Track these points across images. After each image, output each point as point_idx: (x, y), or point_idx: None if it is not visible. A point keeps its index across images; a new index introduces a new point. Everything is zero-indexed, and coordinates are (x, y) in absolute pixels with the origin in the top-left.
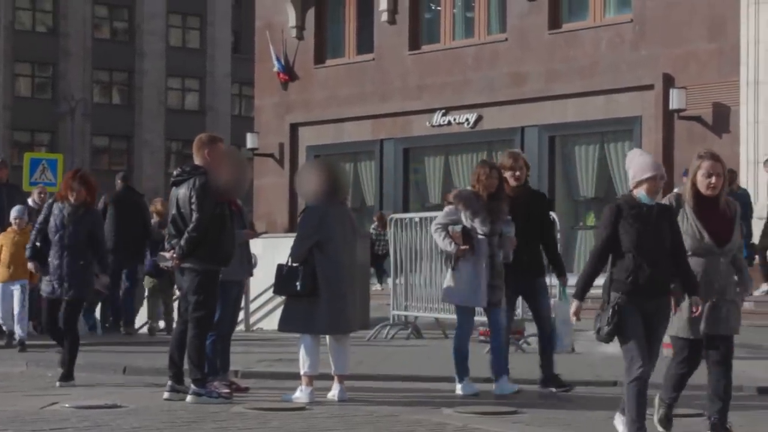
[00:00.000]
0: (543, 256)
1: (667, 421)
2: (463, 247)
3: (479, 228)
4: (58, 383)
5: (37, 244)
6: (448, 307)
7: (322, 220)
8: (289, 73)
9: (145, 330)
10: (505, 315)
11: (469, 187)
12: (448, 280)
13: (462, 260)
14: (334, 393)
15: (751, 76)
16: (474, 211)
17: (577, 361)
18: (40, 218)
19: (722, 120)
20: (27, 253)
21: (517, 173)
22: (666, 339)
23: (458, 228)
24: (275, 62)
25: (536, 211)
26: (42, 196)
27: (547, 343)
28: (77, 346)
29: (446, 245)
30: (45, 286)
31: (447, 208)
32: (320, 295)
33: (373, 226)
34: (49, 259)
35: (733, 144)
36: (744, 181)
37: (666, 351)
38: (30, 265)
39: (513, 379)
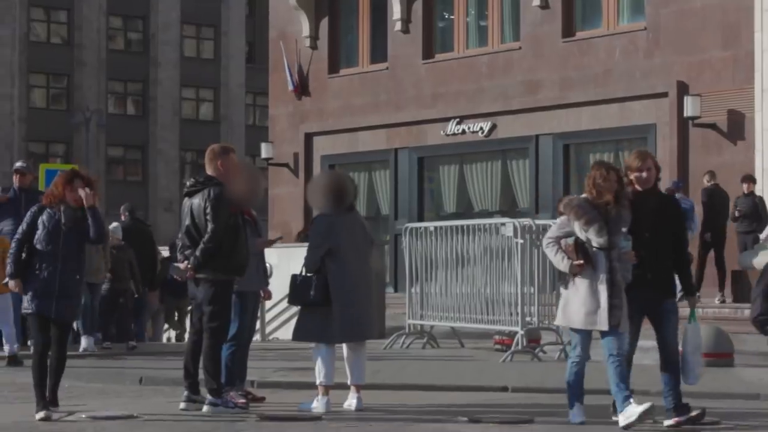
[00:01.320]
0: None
1: None
2: (577, 263)
3: (594, 240)
4: (41, 414)
5: (24, 254)
6: (464, 316)
7: (329, 229)
8: (302, 86)
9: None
10: (625, 339)
11: (584, 195)
12: (563, 301)
13: (577, 277)
14: (351, 402)
15: (765, 84)
16: (588, 221)
17: (593, 370)
18: (23, 227)
19: (737, 127)
20: (9, 269)
21: (644, 175)
22: None
23: (570, 241)
24: (288, 79)
25: (667, 220)
26: None
27: (673, 373)
28: (64, 368)
29: (559, 261)
30: (31, 304)
31: (559, 220)
32: (332, 303)
33: None
34: (37, 273)
35: (747, 151)
36: (759, 188)
37: None
38: (12, 284)
39: (529, 389)
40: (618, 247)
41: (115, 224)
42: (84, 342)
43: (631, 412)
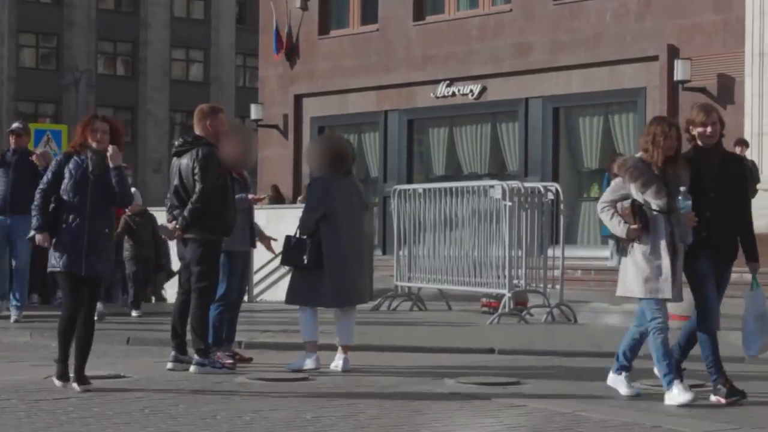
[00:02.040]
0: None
1: None
2: (634, 227)
3: (652, 203)
4: (58, 383)
5: (52, 205)
6: (452, 279)
7: (326, 192)
8: (291, 47)
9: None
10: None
11: (640, 153)
12: (621, 269)
13: (636, 243)
14: (337, 363)
15: (756, 48)
16: (645, 183)
17: (579, 332)
18: (49, 176)
19: (727, 91)
20: (35, 221)
21: (709, 130)
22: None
23: (627, 204)
24: (273, 43)
25: (731, 179)
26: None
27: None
28: (92, 341)
29: (615, 226)
30: (59, 261)
31: (614, 182)
32: (324, 268)
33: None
34: (64, 226)
35: (737, 115)
36: (748, 152)
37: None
38: (39, 238)
39: (516, 351)
40: (676, 210)
41: (133, 189)
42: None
43: (674, 397)
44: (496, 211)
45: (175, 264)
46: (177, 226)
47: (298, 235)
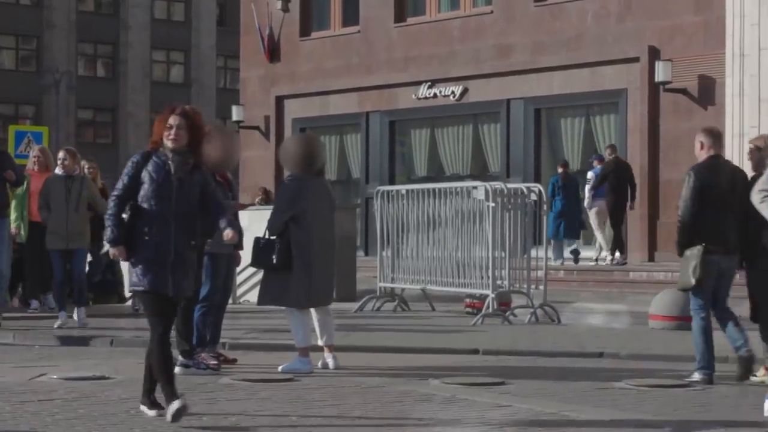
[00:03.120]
0: None
1: None
2: None
3: None
4: (170, 418)
5: (124, 216)
6: (435, 279)
7: (297, 194)
8: (271, 49)
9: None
10: None
11: None
12: None
13: None
14: (327, 362)
15: (736, 49)
16: None
17: (563, 333)
18: (124, 180)
19: (708, 92)
20: (109, 234)
21: None
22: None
23: None
24: (261, 43)
25: None
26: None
27: None
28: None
29: None
30: (142, 279)
31: None
32: (293, 268)
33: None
34: (146, 238)
35: (718, 116)
36: (729, 153)
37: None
38: (113, 251)
39: (500, 351)
40: None
41: None
42: (61, 318)
43: None
44: (479, 212)
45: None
46: (266, 233)
47: (266, 236)
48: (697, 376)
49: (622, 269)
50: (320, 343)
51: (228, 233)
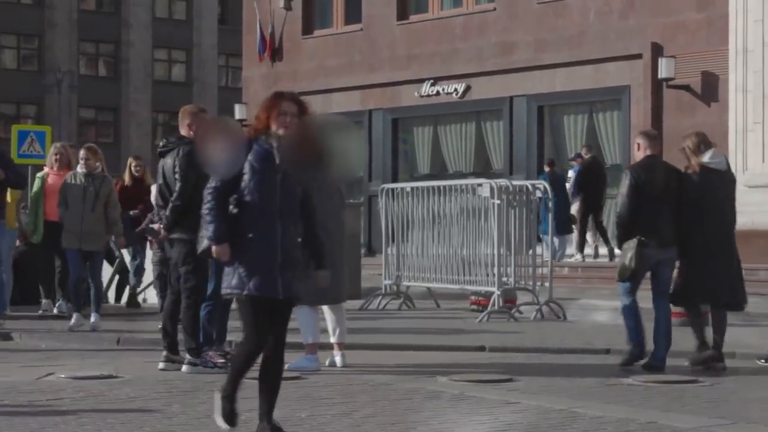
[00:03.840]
0: None
1: None
2: None
3: None
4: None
5: (233, 209)
6: (440, 277)
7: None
8: (273, 48)
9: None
10: None
11: None
12: None
13: None
14: (335, 360)
15: (740, 45)
16: None
17: (569, 329)
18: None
19: (711, 89)
20: (211, 231)
21: None
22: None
23: None
24: (258, 44)
25: None
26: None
27: None
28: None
29: None
30: (247, 282)
31: None
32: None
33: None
34: (250, 236)
35: (721, 112)
36: (732, 149)
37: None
38: (216, 250)
39: (506, 349)
40: None
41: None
42: (74, 319)
43: None
44: (484, 209)
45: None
46: (161, 227)
47: None
48: (631, 354)
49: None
50: (332, 340)
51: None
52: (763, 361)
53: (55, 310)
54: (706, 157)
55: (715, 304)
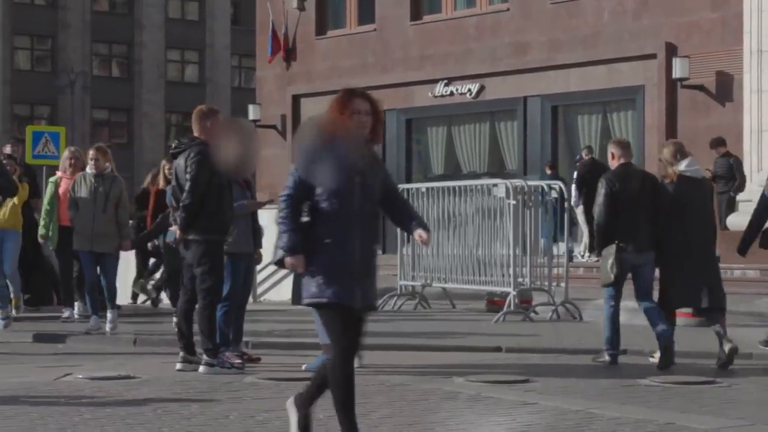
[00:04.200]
0: None
1: None
2: None
3: None
4: None
5: (305, 217)
6: (456, 277)
7: None
8: (287, 49)
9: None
10: None
11: None
12: None
13: None
14: (359, 360)
15: (754, 45)
16: None
17: (585, 330)
18: (297, 176)
19: (725, 89)
20: (286, 240)
21: None
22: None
23: None
24: (269, 45)
25: None
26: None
27: None
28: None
29: None
30: (325, 290)
31: None
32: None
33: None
34: (327, 242)
35: (736, 112)
36: (747, 149)
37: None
38: (290, 261)
39: (522, 349)
40: None
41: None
42: (67, 312)
43: None
44: (499, 210)
45: None
46: (177, 227)
47: None
48: (606, 357)
49: None
50: None
51: (421, 234)
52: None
53: (75, 315)
54: (682, 166)
55: (696, 308)
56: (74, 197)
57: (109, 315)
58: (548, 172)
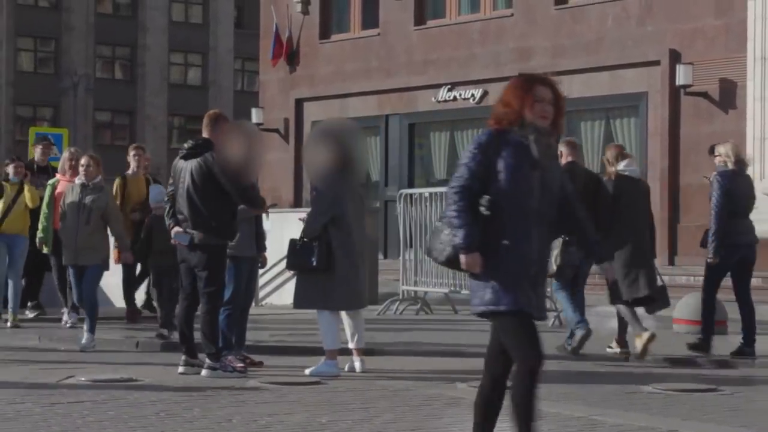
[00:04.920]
0: None
1: None
2: None
3: None
4: None
5: (485, 211)
6: (458, 282)
7: (336, 196)
8: (290, 52)
9: None
10: None
11: None
12: None
13: None
14: (356, 365)
15: (758, 52)
16: None
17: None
18: (472, 165)
19: (729, 96)
20: (463, 236)
21: None
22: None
23: None
24: (271, 48)
25: None
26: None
27: None
28: None
29: None
30: (504, 296)
31: None
32: (336, 270)
33: None
34: (506, 243)
35: (739, 120)
36: (750, 156)
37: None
38: (466, 259)
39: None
40: None
41: (157, 187)
42: (68, 316)
43: None
44: None
45: None
46: (302, 236)
47: (303, 239)
48: (578, 334)
49: None
50: (350, 346)
51: (608, 270)
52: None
53: (68, 322)
54: (621, 166)
55: (635, 299)
56: (63, 209)
57: (85, 336)
58: None
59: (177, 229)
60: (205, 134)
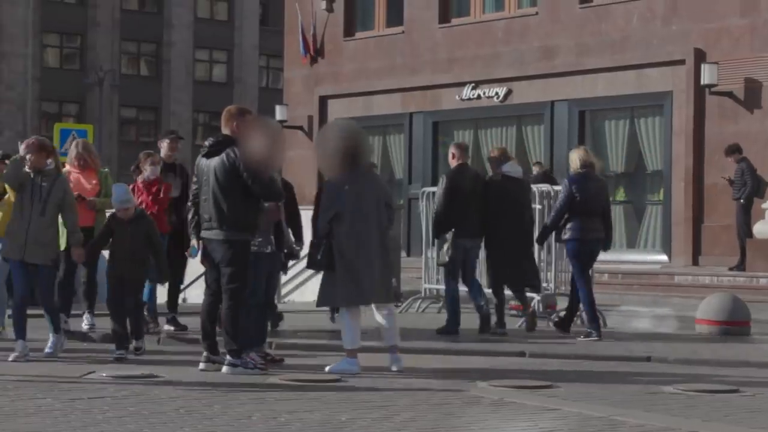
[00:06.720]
0: None
1: None
2: None
3: None
4: None
5: None
6: (480, 281)
7: (335, 193)
8: (314, 49)
9: None
10: None
11: None
12: None
13: None
14: (396, 364)
15: None
16: None
17: (609, 336)
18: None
19: (754, 95)
20: None
21: None
22: None
23: None
24: (301, 45)
25: None
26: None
27: None
28: None
29: None
30: None
31: None
32: (336, 268)
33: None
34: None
35: (764, 119)
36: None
37: None
38: None
39: (546, 354)
40: None
41: (122, 186)
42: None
43: None
44: None
45: None
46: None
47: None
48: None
49: (667, 272)
50: (386, 343)
51: None
52: None
53: (83, 326)
54: (505, 167)
55: (517, 286)
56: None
57: (51, 338)
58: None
59: (193, 242)
60: (225, 131)
